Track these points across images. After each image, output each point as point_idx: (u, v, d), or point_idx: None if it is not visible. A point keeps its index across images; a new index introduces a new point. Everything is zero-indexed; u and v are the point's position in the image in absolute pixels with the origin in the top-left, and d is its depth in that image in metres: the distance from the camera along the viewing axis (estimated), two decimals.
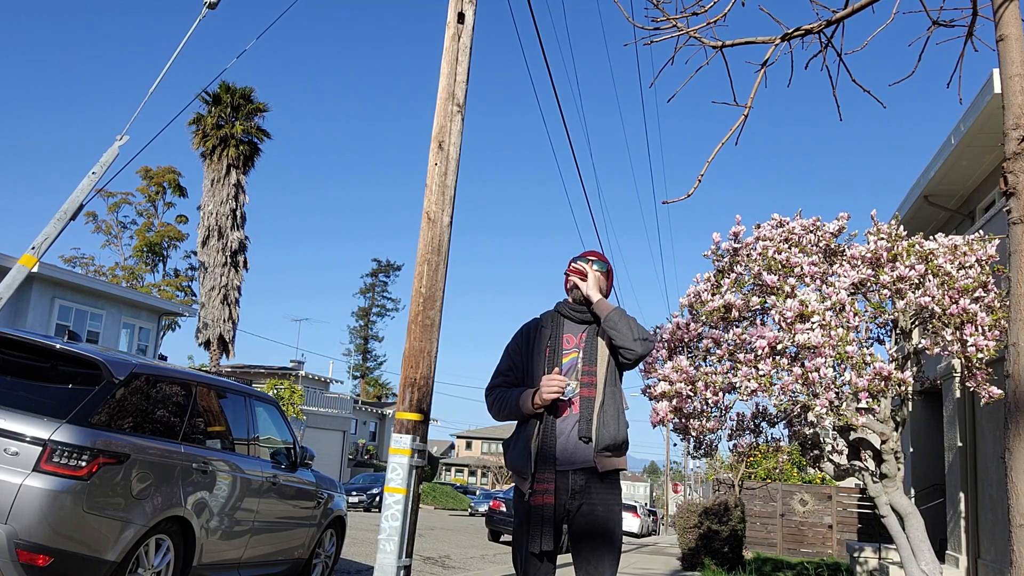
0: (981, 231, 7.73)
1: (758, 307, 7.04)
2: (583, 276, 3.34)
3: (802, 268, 6.77)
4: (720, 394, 6.61)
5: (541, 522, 3.09)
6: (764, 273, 6.83)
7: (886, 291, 6.62)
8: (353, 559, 9.87)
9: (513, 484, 3.38)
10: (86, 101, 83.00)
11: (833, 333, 6.10)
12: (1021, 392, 2.80)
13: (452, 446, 74.33)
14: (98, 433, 4.49)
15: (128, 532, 4.55)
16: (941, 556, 10.47)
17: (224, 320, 26.90)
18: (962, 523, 10.18)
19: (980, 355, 6.18)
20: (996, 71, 8.18)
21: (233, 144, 27.63)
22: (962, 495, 10.19)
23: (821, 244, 7.23)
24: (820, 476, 21.25)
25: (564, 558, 5.88)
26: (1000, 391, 6.15)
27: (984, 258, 6.63)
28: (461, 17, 6.01)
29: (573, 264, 3.41)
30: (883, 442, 6.86)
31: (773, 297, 6.67)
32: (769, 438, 7.61)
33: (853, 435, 7.00)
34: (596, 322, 3.33)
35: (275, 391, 27.43)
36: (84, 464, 4.33)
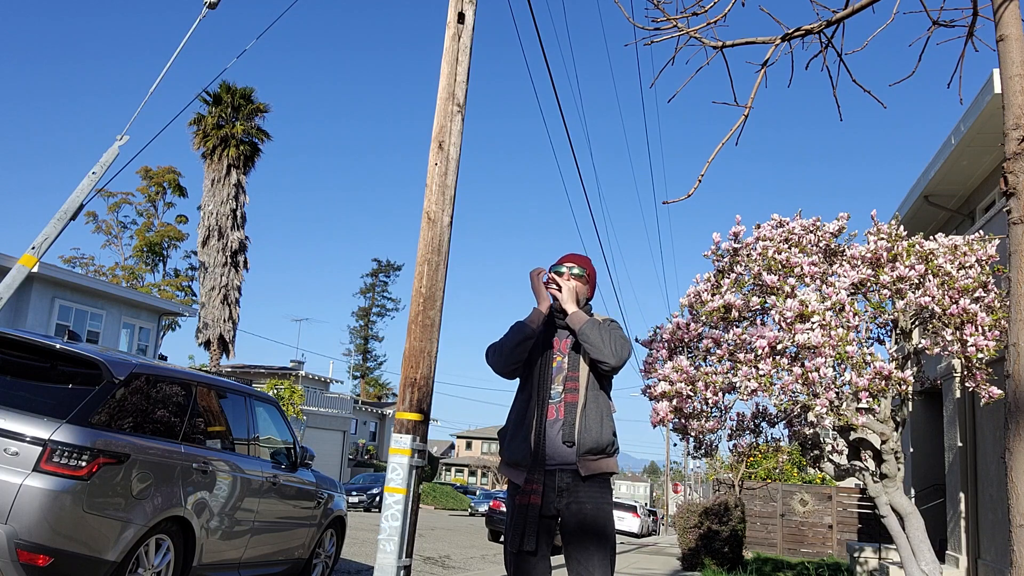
0: (981, 231, 7.73)
1: (758, 307, 7.03)
2: (559, 288, 3.36)
3: (802, 268, 6.77)
4: (720, 394, 6.61)
5: (525, 521, 3.12)
6: (764, 273, 6.82)
7: (886, 291, 6.62)
8: (353, 559, 9.87)
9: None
10: (86, 101, 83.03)
11: (833, 333, 6.10)
12: (1021, 392, 2.80)
13: (452, 446, 74.33)
14: (98, 433, 4.49)
15: (128, 532, 4.55)
16: (941, 556, 10.47)
17: (224, 320, 26.89)
18: (962, 523, 10.18)
19: (980, 355, 6.17)
20: (996, 71, 8.18)
21: (233, 144, 27.63)
22: (962, 495, 10.19)
23: (821, 244, 7.23)
24: (820, 476, 21.24)
25: (558, 559, 5.87)
26: (1000, 391, 6.15)
27: (984, 258, 6.63)
28: (461, 17, 6.01)
29: (536, 271, 3.43)
30: (883, 442, 6.86)
31: (773, 297, 6.67)
32: (769, 438, 7.61)
33: (853, 435, 7.00)
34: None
35: (275, 391, 27.43)
36: (84, 464, 4.33)
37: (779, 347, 6.26)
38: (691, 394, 6.62)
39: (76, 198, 6.19)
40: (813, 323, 6.18)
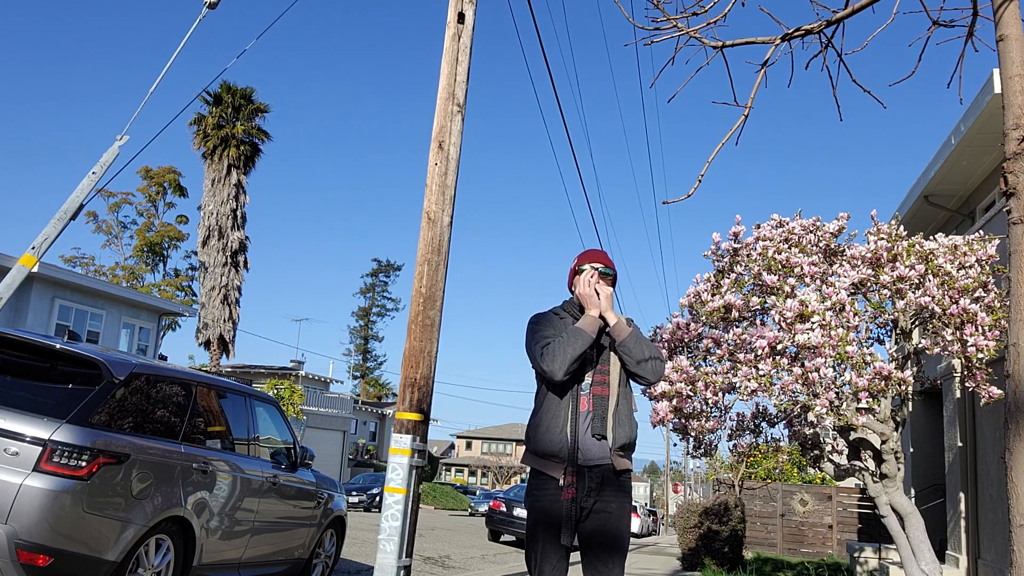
0: (981, 231, 7.73)
1: (758, 307, 7.04)
2: (598, 294, 3.32)
3: (802, 268, 6.77)
4: (720, 394, 6.62)
5: (569, 516, 3.11)
6: (764, 273, 6.83)
7: (886, 291, 6.62)
8: (353, 559, 9.87)
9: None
10: (86, 101, 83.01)
11: (833, 333, 6.10)
12: (1021, 392, 2.80)
13: (452, 446, 74.31)
14: (98, 433, 4.49)
15: (128, 532, 4.55)
16: (941, 556, 10.47)
17: (224, 320, 26.87)
18: (962, 523, 10.18)
19: (980, 355, 6.18)
20: (996, 71, 8.18)
21: (234, 144, 27.61)
22: (962, 495, 10.19)
23: (821, 244, 7.23)
24: (820, 476, 21.25)
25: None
26: (1000, 391, 6.16)
27: (984, 258, 6.63)
28: (461, 17, 6.01)
29: (587, 275, 3.35)
30: (883, 442, 6.87)
31: (773, 297, 6.68)
32: (769, 438, 7.61)
33: (853, 435, 7.00)
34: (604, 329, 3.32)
35: (275, 391, 27.45)
36: (84, 464, 4.33)
37: (779, 347, 6.27)
38: (691, 394, 6.62)
39: (76, 198, 6.19)
40: (813, 323, 6.18)
